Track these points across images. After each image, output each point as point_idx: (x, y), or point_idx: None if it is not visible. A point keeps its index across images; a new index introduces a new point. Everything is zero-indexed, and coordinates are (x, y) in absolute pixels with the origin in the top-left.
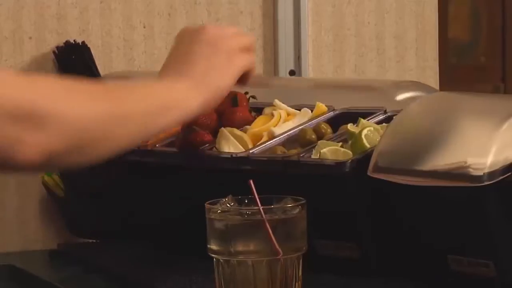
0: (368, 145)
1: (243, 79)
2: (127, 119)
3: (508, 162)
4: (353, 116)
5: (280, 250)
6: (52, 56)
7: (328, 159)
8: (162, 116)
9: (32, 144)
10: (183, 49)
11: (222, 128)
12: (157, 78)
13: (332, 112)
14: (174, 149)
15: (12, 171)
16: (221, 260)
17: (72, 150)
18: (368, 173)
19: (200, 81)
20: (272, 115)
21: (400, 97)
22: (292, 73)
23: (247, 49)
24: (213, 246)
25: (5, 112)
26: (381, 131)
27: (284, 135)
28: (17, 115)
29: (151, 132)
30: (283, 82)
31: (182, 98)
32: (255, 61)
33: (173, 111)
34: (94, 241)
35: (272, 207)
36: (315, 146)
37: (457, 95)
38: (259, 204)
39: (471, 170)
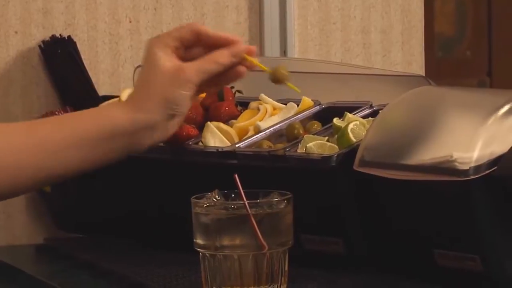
0: (354, 139)
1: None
2: (41, 147)
3: (494, 156)
4: (339, 110)
5: (265, 244)
6: (38, 50)
7: (314, 153)
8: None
9: None
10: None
11: (208, 122)
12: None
13: (318, 106)
14: (160, 143)
15: None
16: (207, 255)
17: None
18: (354, 167)
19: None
20: (258, 109)
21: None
22: None
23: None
24: (199, 241)
25: None
26: (367, 125)
27: (270, 129)
28: None
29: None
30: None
31: (116, 122)
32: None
33: (117, 138)
34: (81, 235)
35: (258, 202)
36: (301, 140)
37: (443, 89)
38: (244, 199)
39: (457, 164)
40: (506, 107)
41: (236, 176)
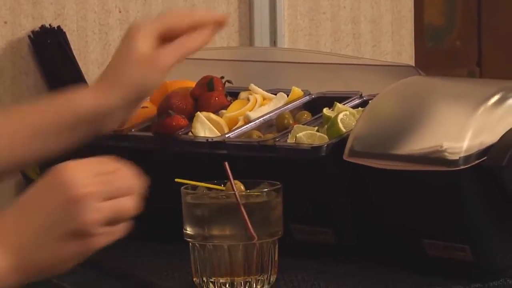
0: (344, 129)
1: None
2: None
3: (484, 146)
4: (329, 100)
5: (255, 234)
6: (28, 40)
7: (304, 144)
8: None
9: None
10: (29, 199)
11: (198, 113)
12: None
13: (308, 96)
14: (150, 134)
15: None
16: (197, 245)
17: None
18: (344, 158)
19: (22, 258)
20: (248, 99)
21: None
22: None
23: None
24: (189, 231)
25: None
26: (357, 116)
27: (260, 119)
28: None
29: None
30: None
31: None
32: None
33: None
34: None
35: (247, 192)
36: (291, 130)
37: (433, 79)
38: (234, 189)
39: (447, 154)
40: (495, 97)
41: (226, 164)
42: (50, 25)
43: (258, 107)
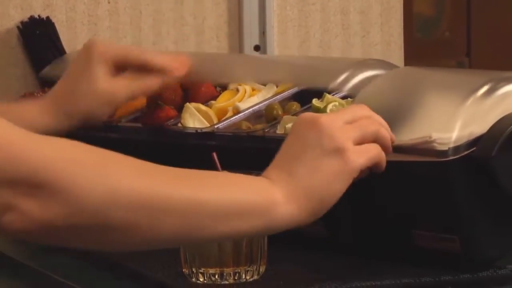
0: None
1: (375, 169)
2: (179, 208)
3: (473, 137)
4: (318, 91)
5: None
6: (17, 31)
7: None
8: (234, 218)
9: (26, 214)
10: (292, 145)
11: (187, 103)
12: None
13: (297, 87)
14: (139, 125)
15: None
16: None
17: (84, 230)
18: None
19: (303, 192)
20: (237, 90)
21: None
22: (257, 48)
23: (374, 137)
24: None
25: (1, 173)
26: (346, 106)
27: (249, 110)
28: (16, 179)
29: (204, 236)
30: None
31: (273, 207)
32: (384, 150)
33: (252, 217)
34: None
35: None
36: (280, 121)
37: (421, 70)
38: None
39: (436, 145)
40: (485, 88)
41: (214, 154)
42: (39, 16)
43: (247, 97)
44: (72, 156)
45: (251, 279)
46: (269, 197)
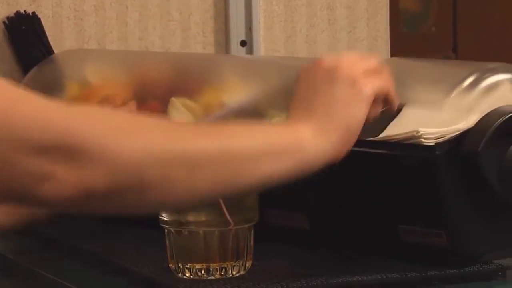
0: None
1: (386, 104)
2: (212, 159)
3: (459, 131)
4: None
5: (231, 220)
6: (2, 26)
7: None
8: (267, 161)
9: (63, 180)
10: (303, 88)
11: (173, 98)
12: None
13: (284, 84)
14: None
15: (39, 207)
16: (172, 231)
17: (122, 192)
18: None
19: (326, 122)
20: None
21: None
22: (243, 43)
23: (373, 72)
24: (165, 217)
25: (31, 142)
26: None
27: (236, 106)
28: (47, 146)
29: (240, 184)
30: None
31: (302, 143)
32: (388, 83)
33: (284, 157)
34: None
35: None
36: (267, 116)
37: (406, 61)
38: None
39: (422, 139)
40: (470, 79)
41: None
42: (25, 11)
43: (234, 93)
44: (97, 118)
45: (237, 274)
46: (297, 135)
